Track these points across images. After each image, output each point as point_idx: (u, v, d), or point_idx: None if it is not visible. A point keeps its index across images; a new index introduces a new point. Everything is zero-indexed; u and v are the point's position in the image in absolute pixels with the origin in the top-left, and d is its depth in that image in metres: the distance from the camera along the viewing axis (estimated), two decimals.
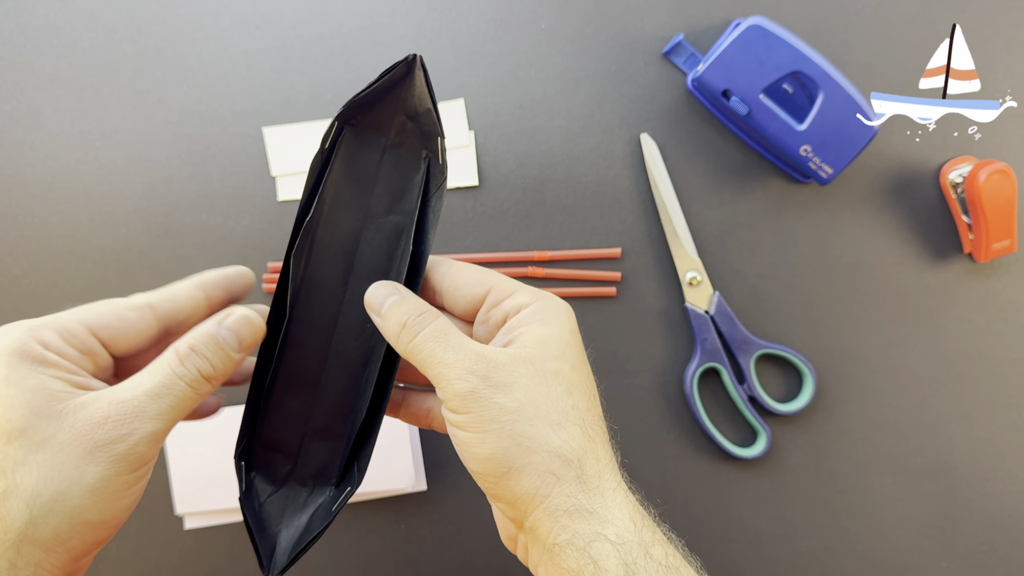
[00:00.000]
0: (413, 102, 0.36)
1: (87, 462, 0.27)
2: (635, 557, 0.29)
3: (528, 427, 0.30)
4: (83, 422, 0.28)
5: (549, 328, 0.32)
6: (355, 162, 0.36)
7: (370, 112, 0.36)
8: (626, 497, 0.31)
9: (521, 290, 0.34)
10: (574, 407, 0.32)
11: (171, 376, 0.30)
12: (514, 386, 0.31)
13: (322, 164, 0.36)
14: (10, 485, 0.27)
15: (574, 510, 0.30)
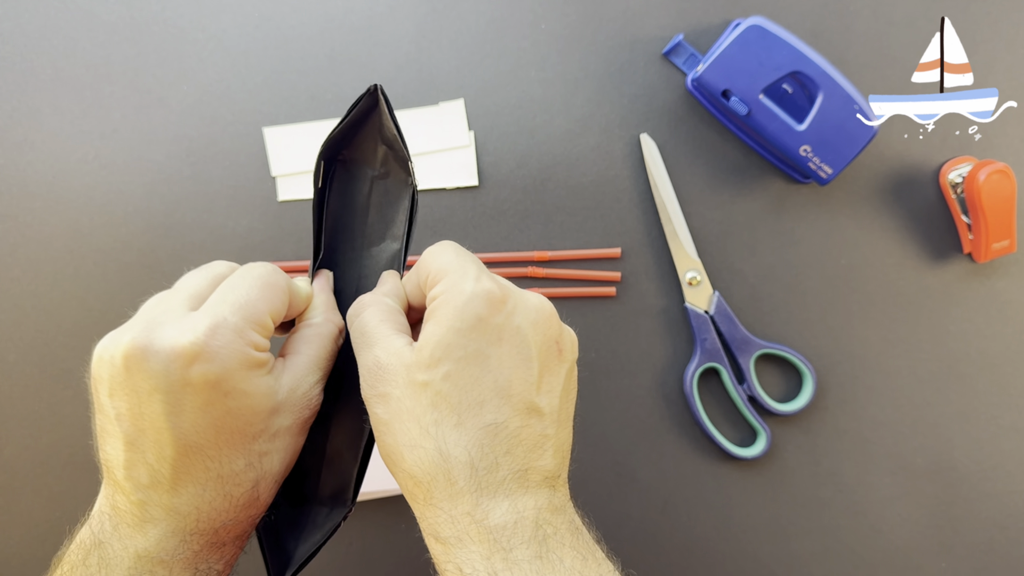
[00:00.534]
0: (386, 131, 0.37)
1: (300, 435, 0.33)
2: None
3: (392, 442, 0.30)
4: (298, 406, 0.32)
5: (433, 328, 0.30)
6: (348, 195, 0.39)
7: (354, 146, 0.38)
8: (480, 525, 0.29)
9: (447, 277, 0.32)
10: (435, 423, 0.29)
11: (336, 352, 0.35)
12: (389, 398, 0.30)
13: (321, 202, 0.38)
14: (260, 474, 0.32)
15: (431, 533, 0.30)
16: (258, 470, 0.31)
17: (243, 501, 0.31)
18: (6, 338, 0.54)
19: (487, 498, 0.29)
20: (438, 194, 0.54)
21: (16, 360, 0.54)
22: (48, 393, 0.54)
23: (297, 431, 0.33)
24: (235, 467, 0.31)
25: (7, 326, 0.54)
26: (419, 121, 0.54)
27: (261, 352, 0.31)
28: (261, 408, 0.31)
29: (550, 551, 0.29)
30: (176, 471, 0.30)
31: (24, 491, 0.54)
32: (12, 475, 0.54)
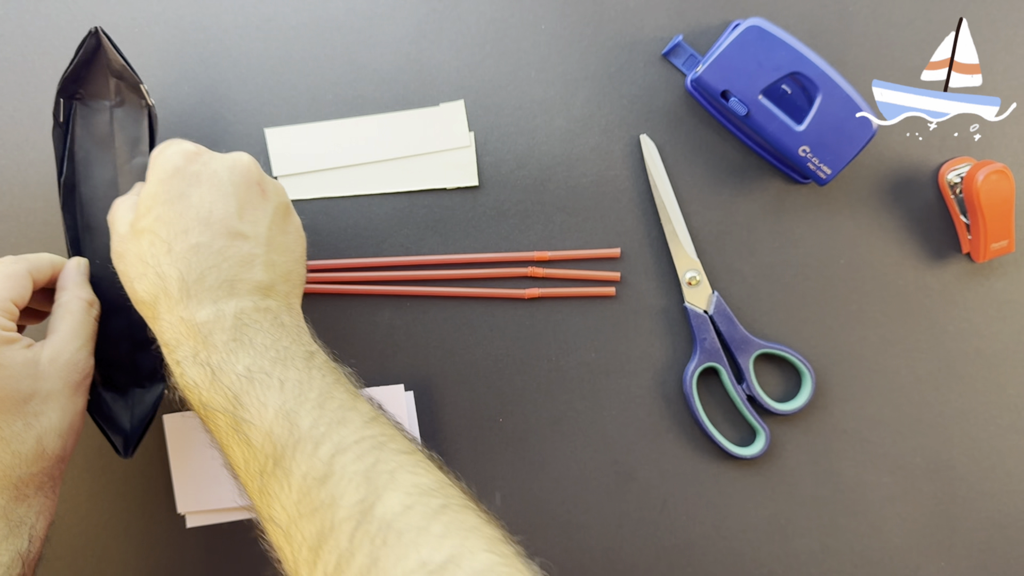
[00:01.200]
0: (114, 64, 0.47)
1: (76, 396, 0.41)
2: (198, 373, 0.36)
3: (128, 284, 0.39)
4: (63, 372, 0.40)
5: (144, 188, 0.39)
6: (91, 127, 0.48)
7: (87, 84, 0.48)
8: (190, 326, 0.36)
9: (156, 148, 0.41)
10: (152, 255, 0.37)
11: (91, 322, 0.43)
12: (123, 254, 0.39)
13: (63, 135, 0.48)
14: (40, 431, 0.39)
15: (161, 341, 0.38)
16: (37, 428, 0.39)
17: (30, 455, 0.39)
18: None
19: (195, 303, 0.37)
20: (438, 194, 0.54)
21: None
22: None
23: (71, 391, 0.41)
24: (14, 428, 0.39)
25: None
26: (419, 122, 0.54)
27: (8, 332, 0.39)
28: (22, 375, 0.39)
29: (243, 335, 0.36)
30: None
31: None
32: None
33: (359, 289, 0.54)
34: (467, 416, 0.54)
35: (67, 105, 0.48)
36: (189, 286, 0.37)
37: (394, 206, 0.54)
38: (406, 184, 0.54)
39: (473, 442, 0.54)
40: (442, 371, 0.54)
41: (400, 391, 0.53)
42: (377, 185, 0.54)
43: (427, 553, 0.30)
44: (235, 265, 0.38)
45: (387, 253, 0.54)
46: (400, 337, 0.54)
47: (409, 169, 0.54)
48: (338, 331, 0.54)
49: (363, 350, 0.54)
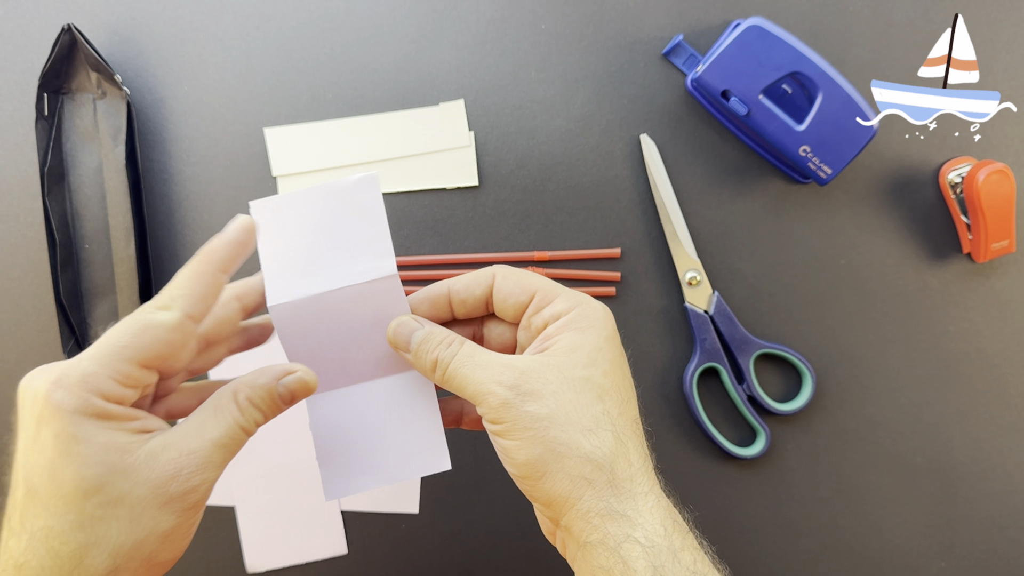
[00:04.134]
0: (91, 58, 0.50)
1: (163, 513, 0.30)
2: (663, 560, 0.30)
3: (560, 433, 0.32)
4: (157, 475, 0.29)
5: (582, 335, 0.34)
6: (77, 119, 0.52)
7: (72, 79, 0.52)
8: (658, 502, 0.32)
9: (562, 296, 0.35)
10: (605, 412, 0.33)
11: (234, 426, 0.31)
12: (543, 393, 0.32)
13: (48, 128, 0.51)
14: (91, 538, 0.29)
15: (605, 512, 0.31)
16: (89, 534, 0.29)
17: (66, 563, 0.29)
18: (7, 338, 0.54)
19: (655, 484, 0.33)
20: (438, 194, 0.54)
21: (17, 360, 0.54)
22: None
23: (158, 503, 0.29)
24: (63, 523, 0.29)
25: (8, 326, 0.54)
26: (419, 121, 0.54)
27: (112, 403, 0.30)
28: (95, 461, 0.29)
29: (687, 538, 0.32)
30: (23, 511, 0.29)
31: None
32: None
33: None
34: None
35: (52, 99, 0.51)
36: (646, 462, 0.34)
37: (394, 206, 0.54)
38: (406, 184, 0.54)
39: (474, 442, 0.54)
40: None
41: None
42: None
43: None
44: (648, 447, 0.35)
45: None
46: None
47: (409, 169, 0.54)
48: None
49: None
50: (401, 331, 0.35)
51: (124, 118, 0.52)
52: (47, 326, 0.54)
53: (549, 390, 0.32)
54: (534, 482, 0.32)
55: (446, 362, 0.34)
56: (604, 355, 0.34)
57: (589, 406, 0.32)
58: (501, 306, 0.36)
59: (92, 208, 0.53)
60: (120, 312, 0.53)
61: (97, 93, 0.53)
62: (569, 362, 0.33)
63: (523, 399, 0.32)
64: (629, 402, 0.34)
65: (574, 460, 0.31)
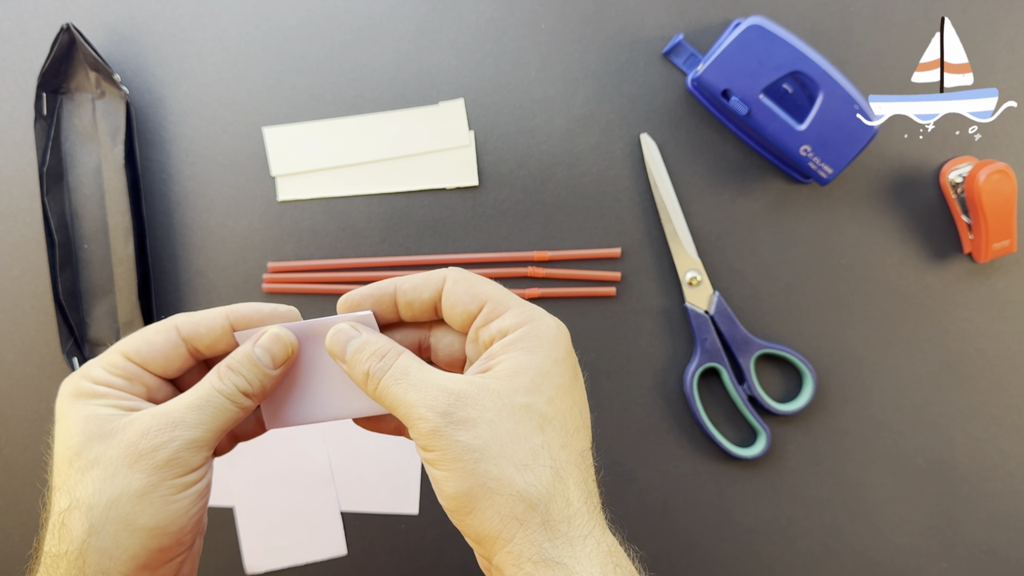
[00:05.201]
0: (90, 58, 0.50)
1: (134, 471, 0.30)
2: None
3: (492, 467, 0.29)
4: (129, 435, 0.30)
5: (528, 356, 0.31)
6: (76, 119, 0.52)
7: (71, 79, 0.52)
8: (597, 546, 0.29)
9: (513, 310, 0.32)
10: (544, 445, 0.30)
11: (210, 390, 0.32)
12: (478, 422, 0.29)
13: (47, 127, 0.51)
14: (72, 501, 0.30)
15: (538, 559, 0.28)
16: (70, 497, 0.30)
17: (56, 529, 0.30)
18: (6, 338, 0.54)
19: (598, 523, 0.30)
20: (438, 194, 0.54)
21: (16, 360, 0.54)
22: (48, 393, 0.54)
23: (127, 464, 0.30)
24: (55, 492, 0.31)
25: (7, 325, 0.54)
26: (419, 121, 0.54)
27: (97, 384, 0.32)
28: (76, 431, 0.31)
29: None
30: None
31: (24, 491, 0.54)
32: (12, 475, 0.54)
33: None
34: None
35: (51, 99, 0.51)
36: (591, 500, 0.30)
37: (394, 206, 0.54)
38: (406, 184, 0.54)
39: None
40: None
41: None
42: (377, 185, 0.54)
43: None
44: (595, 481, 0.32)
45: (387, 253, 0.54)
46: None
47: (409, 169, 0.54)
48: None
49: None
50: (337, 339, 0.33)
51: (123, 118, 0.52)
52: (46, 326, 0.54)
53: (485, 418, 0.29)
54: (462, 517, 0.30)
55: (377, 377, 0.32)
56: (551, 380, 0.31)
57: (527, 437, 0.30)
58: (449, 313, 0.34)
59: (91, 208, 0.53)
60: (119, 311, 0.53)
61: (96, 93, 0.53)
62: (510, 387, 0.30)
63: (455, 428, 0.29)
64: (576, 432, 0.31)
65: (505, 497, 0.29)
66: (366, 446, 0.54)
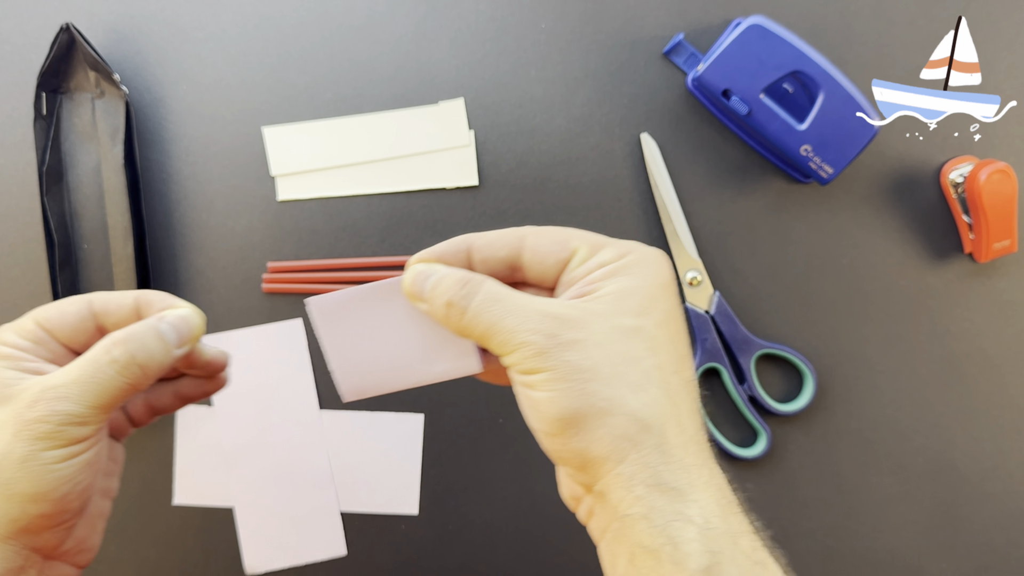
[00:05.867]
0: (90, 58, 0.50)
1: (17, 439, 0.30)
2: (721, 546, 0.27)
3: (603, 387, 0.27)
4: (19, 403, 0.30)
5: (631, 280, 0.29)
6: (76, 119, 0.52)
7: (70, 78, 0.52)
8: (712, 477, 0.28)
9: (611, 245, 0.30)
10: (657, 368, 0.28)
11: (97, 363, 0.31)
12: (587, 343, 0.28)
13: (46, 127, 0.51)
14: None
15: (652, 483, 0.27)
16: None
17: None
18: None
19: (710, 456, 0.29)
20: (438, 194, 0.54)
21: None
22: None
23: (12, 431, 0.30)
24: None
25: None
26: (419, 120, 0.54)
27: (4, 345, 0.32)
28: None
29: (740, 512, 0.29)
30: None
31: None
32: None
33: None
34: (468, 417, 0.54)
35: (51, 99, 0.52)
36: (701, 430, 0.29)
37: (394, 206, 0.54)
38: (406, 184, 0.54)
39: (474, 443, 0.54)
40: None
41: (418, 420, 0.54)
42: (376, 185, 0.54)
43: None
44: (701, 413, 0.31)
45: (387, 253, 0.54)
46: None
47: (408, 168, 0.54)
48: None
49: None
50: (415, 279, 0.31)
51: (122, 117, 0.52)
52: None
53: (594, 340, 0.28)
54: (567, 440, 0.28)
55: (463, 304, 0.29)
56: (658, 303, 0.29)
57: (639, 360, 0.28)
58: (538, 268, 0.31)
59: (90, 207, 0.53)
60: None
61: (96, 92, 0.52)
62: (617, 309, 0.29)
63: (563, 348, 0.28)
64: (684, 360, 0.30)
65: (619, 417, 0.27)
66: (366, 446, 0.54)
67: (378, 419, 0.54)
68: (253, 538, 0.53)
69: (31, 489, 0.30)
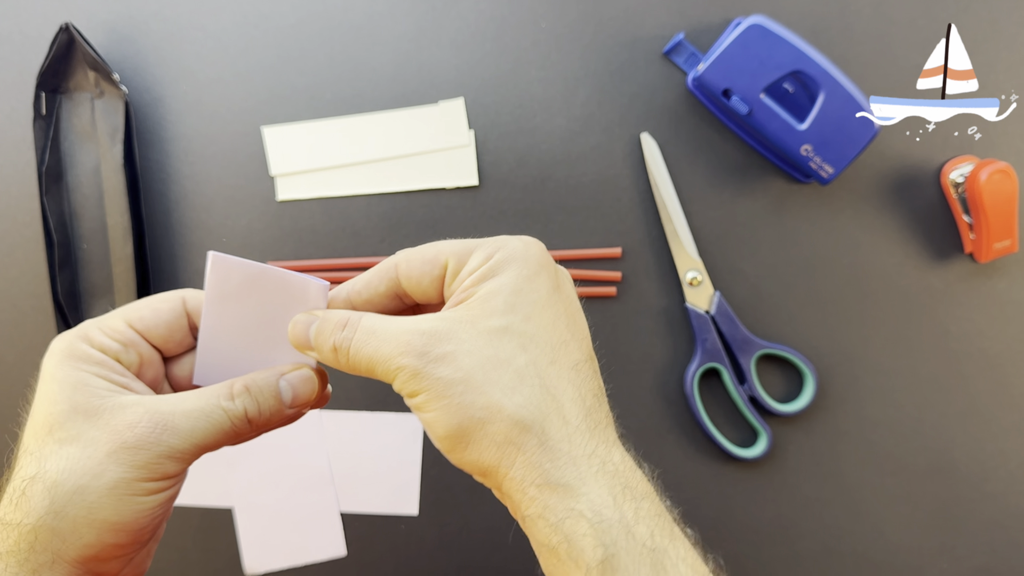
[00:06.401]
0: (90, 57, 0.50)
1: (110, 461, 0.28)
2: (615, 536, 0.26)
3: (478, 396, 0.28)
4: (116, 422, 0.29)
5: (497, 280, 0.29)
6: (75, 118, 0.52)
7: (70, 78, 0.52)
8: (603, 466, 0.28)
9: (479, 248, 0.30)
10: (530, 363, 0.28)
11: (215, 405, 0.30)
12: (457, 353, 0.28)
13: (46, 127, 0.51)
14: (40, 472, 0.28)
15: (542, 482, 0.27)
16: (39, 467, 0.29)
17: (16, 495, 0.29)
18: (5, 338, 0.54)
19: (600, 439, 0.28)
20: (438, 193, 0.54)
21: (15, 360, 0.54)
22: None
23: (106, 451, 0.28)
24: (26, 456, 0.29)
25: (6, 325, 0.54)
26: (419, 120, 0.54)
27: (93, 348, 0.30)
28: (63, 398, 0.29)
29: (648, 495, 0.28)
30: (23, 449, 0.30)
31: None
32: None
33: None
34: None
35: (50, 98, 0.52)
36: (590, 415, 0.29)
37: (392, 205, 0.54)
38: (406, 183, 0.54)
39: None
40: None
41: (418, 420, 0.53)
42: (376, 184, 0.54)
43: None
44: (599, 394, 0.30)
45: (387, 253, 0.54)
46: None
47: (408, 168, 0.54)
48: None
49: None
50: (298, 330, 0.31)
51: (122, 117, 0.51)
52: (44, 325, 0.53)
53: (463, 349, 0.28)
54: (460, 454, 0.28)
55: (346, 346, 0.29)
56: (525, 296, 0.29)
57: (510, 360, 0.28)
58: (419, 290, 0.32)
59: (90, 207, 0.52)
60: None
61: (95, 92, 0.52)
62: (483, 312, 0.29)
63: (434, 365, 0.28)
64: (564, 346, 0.29)
65: (497, 424, 0.27)
66: (366, 446, 0.54)
67: (378, 420, 0.54)
68: (253, 538, 0.53)
69: (113, 518, 0.28)
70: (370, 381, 0.53)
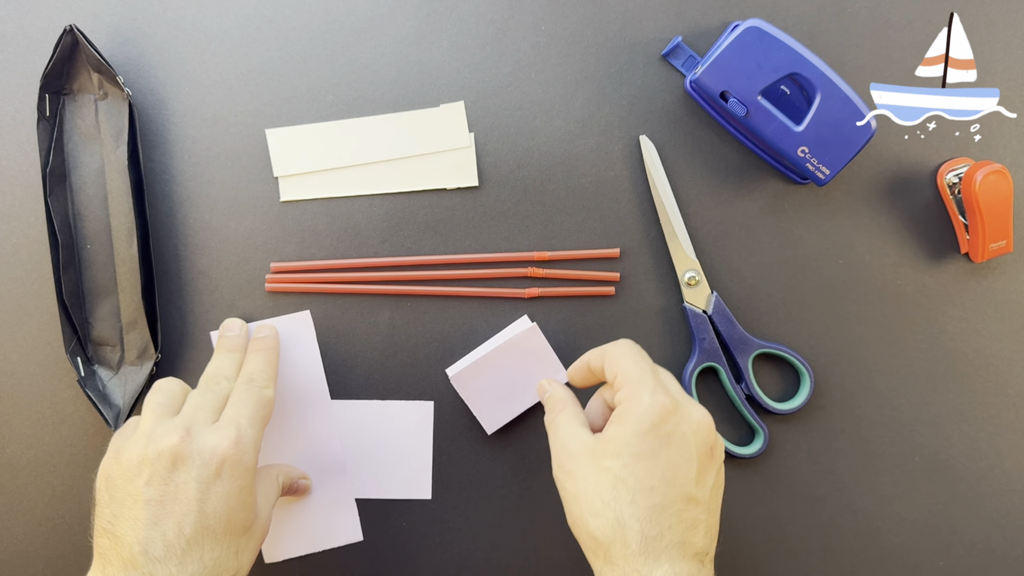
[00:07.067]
0: (93, 60, 0.50)
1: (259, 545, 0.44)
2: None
3: (576, 509, 0.40)
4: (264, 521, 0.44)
5: (619, 428, 0.40)
6: (78, 120, 0.52)
7: (73, 79, 0.52)
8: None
9: (627, 386, 0.41)
10: (613, 499, 0.39)
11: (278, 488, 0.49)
12: (575, 475, 0.41)
13: (50, 128, 0.51)
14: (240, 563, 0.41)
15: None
16: (240, 560, 0.41)
17: None
18: (9, 338, 0.54)
19: (652, 560, 0.38)
20: (438, 194, 0.55)
21: (19, 360, 0.54)
22: (50, 393, 0.54)
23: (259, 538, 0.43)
24: (228, 553, 0.40)
25: (10, 326, 0.54)
26: (420, 122, 0.54)
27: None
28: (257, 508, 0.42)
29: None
30: (189, 546, 0.38)
31: (26, 490, 0.54)
32: (14, 474, 0.54)
33: (359, 289, 0.54)
34: (468, 416, 0.54)
35: (54, 100, 0.52)
36: (648, 543, 0.38)
37: (394, 206, 0.55)
38: (406, 184, 0.54)
39: (474, 442, 0.55)
40: (442, 371, 0.54)
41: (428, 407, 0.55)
42: (377, 185, 0.54)
43: None
44: (685, 528, 0.39)
45: (387, 253, 0.55)
46: (400, 337, 0.54)
47: (409, 169, 0.54)
48: (338, 331, 0.54)
49: (363, 350, 0.54)
50: (543, 384, 0.49)
51: (126, 119, 0.52)
52: (49, 326, 0.54)
53: (580, 473, 0.40)
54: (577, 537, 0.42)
55: (549, 419, 0.45)
56: (630, 448, 0.39)
57: (600, 492, 0.39)
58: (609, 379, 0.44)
59: (94, 208, 0.53)
60: (122, 312, 0.53)
61: (99, 94, 0.53)
62: (600, 451, 0.40)
63: (564, 476, 0.42)
64: (649, 491, 0.38)
65: (583, 534, 0.40)
66: (378, 434, 0.54)
67: (389, 408, 0.54)
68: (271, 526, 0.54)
69: None
70: (381, 370, 0.53)
